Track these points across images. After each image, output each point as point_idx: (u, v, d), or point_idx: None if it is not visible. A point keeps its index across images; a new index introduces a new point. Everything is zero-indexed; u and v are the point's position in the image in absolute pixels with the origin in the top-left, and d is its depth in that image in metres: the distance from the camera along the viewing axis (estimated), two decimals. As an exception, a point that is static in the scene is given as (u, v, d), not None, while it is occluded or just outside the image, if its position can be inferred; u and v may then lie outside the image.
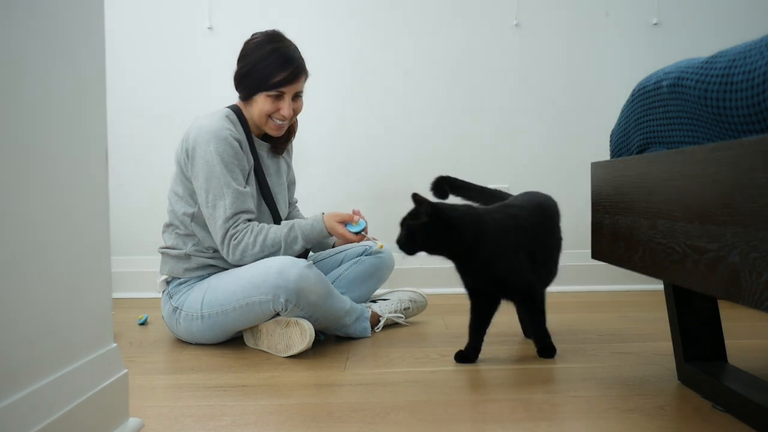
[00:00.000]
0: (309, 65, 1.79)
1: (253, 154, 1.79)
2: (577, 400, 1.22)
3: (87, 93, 0.90)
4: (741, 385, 1.13)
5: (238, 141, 1.72)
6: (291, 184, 2.04)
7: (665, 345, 1.52)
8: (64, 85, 0.83)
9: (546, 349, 1.52)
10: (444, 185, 1.67)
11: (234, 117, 1.76)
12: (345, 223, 1.70)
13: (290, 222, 1.71)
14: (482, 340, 1.51)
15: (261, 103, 1.73)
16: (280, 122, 1.76)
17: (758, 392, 1.08)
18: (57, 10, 0.81)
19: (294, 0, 2.64)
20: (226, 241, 1.66)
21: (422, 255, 1.44)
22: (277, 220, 1.83)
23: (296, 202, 2.10)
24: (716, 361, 1.27)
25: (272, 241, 1.66)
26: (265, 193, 1.81)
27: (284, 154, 1.96)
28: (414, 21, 2.65)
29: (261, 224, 1.69)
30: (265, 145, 1.86)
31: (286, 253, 1.67)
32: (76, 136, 0.86)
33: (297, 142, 2.14)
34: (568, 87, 2.66)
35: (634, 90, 1.28)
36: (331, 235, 1.72)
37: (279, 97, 1.73)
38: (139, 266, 2.59)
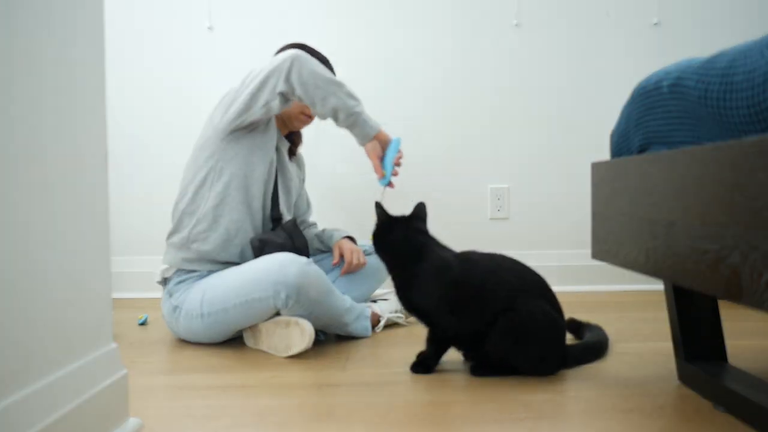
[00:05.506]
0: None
1: (276, 149, 1.87)
2: (577, 400, 1.22)
3: (87, 93, 0.90)
4: (741, 385, 1.13)
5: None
6: (299, 197, 2.09)
7: (665, 345, 1.52)
8: (63, 85, 0.83)
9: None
10: None
11: None
12: (383, 155, 1.83)
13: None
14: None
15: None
16: (308, 117, 1.94)
17: (758, 392, 1.08)
18: (56, 10, 0.81)
19: (294, 0, 2.64)
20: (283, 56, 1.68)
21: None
22: (276, 216, 1.86)
23: (314, 224, 2.15)
24: (716, 361, 1.27)
25: (332, 77, 1.71)
26: (275, 186, 1.87)
27: (296, 163, 2.08)
28: (414, 21, 2.65)
29: None
30: (286, 144, 1.97)
31: (344, 98, 1.71)
32: (76, 136, 0.86)
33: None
34: (568, 87, 2.66)
35: (634, 90, 1.28)
36: (374, 138, 1.80)
37: None
38: (139, 266, 2.58)
